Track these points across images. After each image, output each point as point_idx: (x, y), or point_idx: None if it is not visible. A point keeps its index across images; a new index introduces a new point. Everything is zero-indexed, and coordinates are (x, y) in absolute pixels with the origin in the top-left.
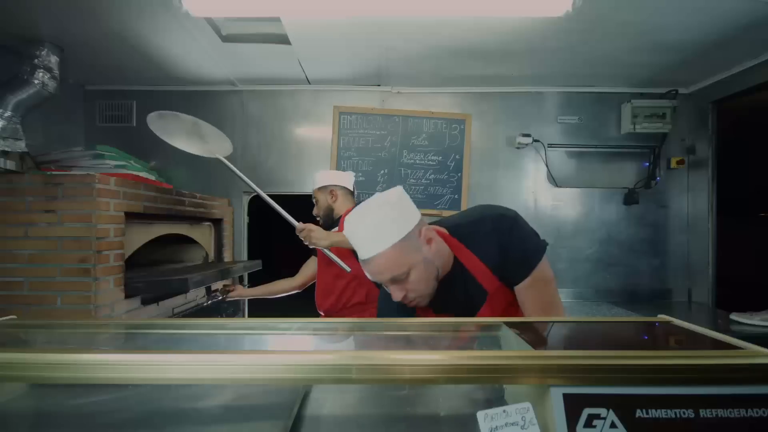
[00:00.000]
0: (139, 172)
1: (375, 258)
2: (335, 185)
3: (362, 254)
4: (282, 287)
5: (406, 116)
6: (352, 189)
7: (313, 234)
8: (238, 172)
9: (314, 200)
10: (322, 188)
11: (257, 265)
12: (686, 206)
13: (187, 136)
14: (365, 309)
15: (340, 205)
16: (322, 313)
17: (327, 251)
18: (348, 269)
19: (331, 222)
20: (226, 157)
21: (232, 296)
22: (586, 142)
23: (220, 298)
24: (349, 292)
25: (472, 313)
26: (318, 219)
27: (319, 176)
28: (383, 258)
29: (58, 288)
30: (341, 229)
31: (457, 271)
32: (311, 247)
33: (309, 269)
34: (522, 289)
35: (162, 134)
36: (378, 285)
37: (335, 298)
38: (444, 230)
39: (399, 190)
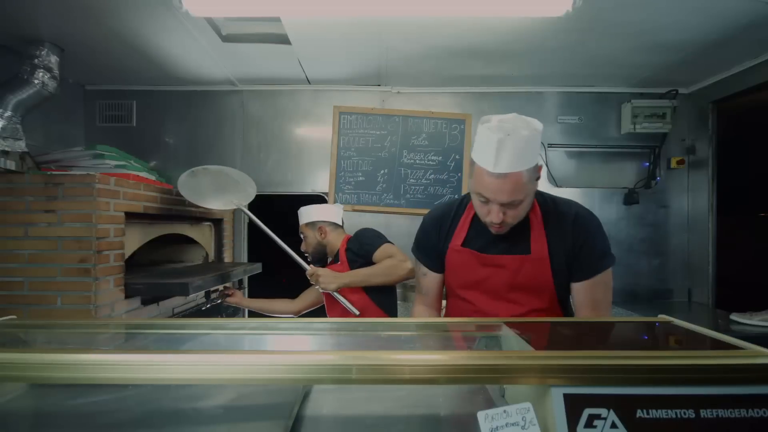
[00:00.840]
0: (139, 172)
1: (512, 175)
2: (323, 221)
3: (499, 167)
4: (279, 308)
5: (406, 116)
6: (341, 223)
7: (321, 279)
8: (255, 218)
9: (301, 235)
10: (309, 224)
11: (257, 268)
12: (686, 206)
13: (215, 191)
14: None
15: (332, 242)
16: None
17: (336, 294)
18: (356, 312)
19: (322, 257)
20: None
21: (230, 302)
22: (586, 142)
23: (219, 302)
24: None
25: (507, 260)
26: (306, 255)
27: (305, 212)
28: (517, 177)
29: (58, 288)
30: (342, 262)
31: (524, 222)
32: (320, 290)
33: (309, 296)
34: (588, 286)
35: (192, 197)
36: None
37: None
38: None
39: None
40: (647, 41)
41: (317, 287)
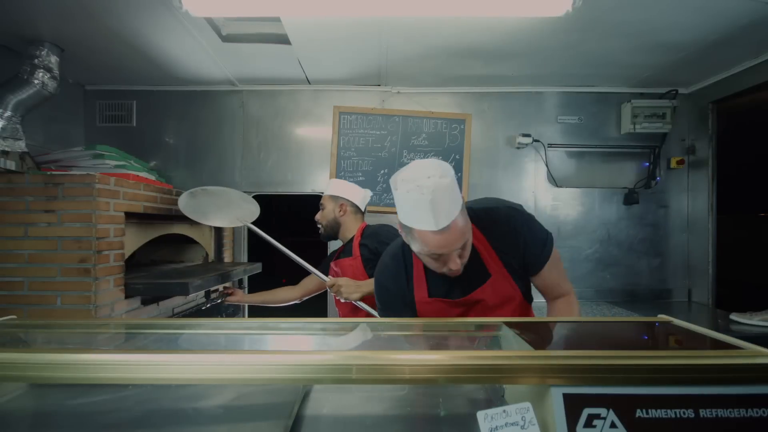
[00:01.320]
0: (139, 172)
1: (454, 223)
2: (347, 200)
3: (440, 222)
4: (282, 297)
5: (406, 116)
6: (363, 209)
7: (342, 289)
8: (265, 236)
9: (321, 205)
10: (333, 197)
11: (257, 268)
12: (686, 206)
13: (217, 210)
14: None
15: (348, 223)
16: None
17: (359, 302)
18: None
19: (333, 234)
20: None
21: (231, 300)
22: (586, 142)
23: (219, 301)
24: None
25: (468, 292)
26: (318, 226)
27: (334, 184)
28: (457, 223)
29: (58, 288)
30: (356, 257)
31: (473, 251)
32: (343, 301)
33: (310, 283)
34: (545, 272)
35: (194, 215)
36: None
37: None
38: None
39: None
40: (647, 41)
41: (341, 299)
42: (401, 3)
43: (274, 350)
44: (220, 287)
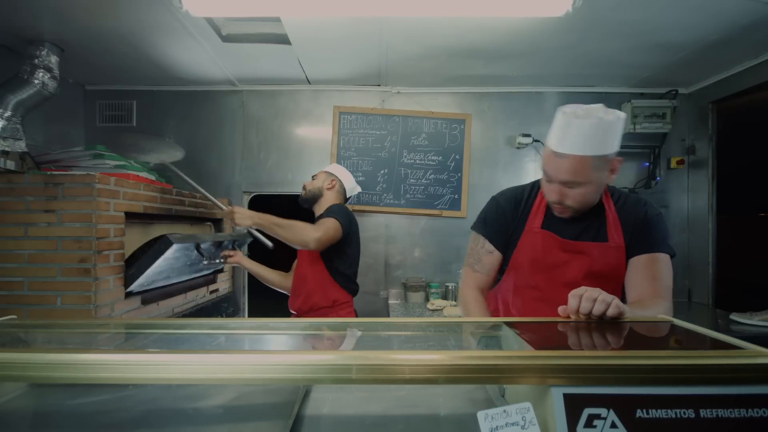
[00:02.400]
0: (139, 172)
1: (573, 157)
2: (339, 180)
3: (569, 147)
4: (274, 279)
5: (406, 116)
6: (347, 195)
7: (236, 215)
8: (181, 173)
9: (314, 176)
10: (328, 173)
11: (245, 235)
12: (686, 206)
13: (141, 150)
14: (330, 312)
15: (328, 198)
16: (294, 313)
17: (252, 230)
18: (270, 244)
19: (310, 202)
20: (174, 163)
21: (231, 261)
22: None
23: (218, 261)
24: (315, 297)
25: (579, 238)
26: (303, 190)
27: (335, 166)
28: (582, 162)
29: (58, 288)
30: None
31: (596, 212)
32: (237, 227)
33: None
34: (640, 261)
35: (121, 151)
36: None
37: (302, 300)
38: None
39: (622, 116)
40: (647, 41)
41: (235, 225)
42: (401, 3)
43: (274, 350)
44: (224, 252)
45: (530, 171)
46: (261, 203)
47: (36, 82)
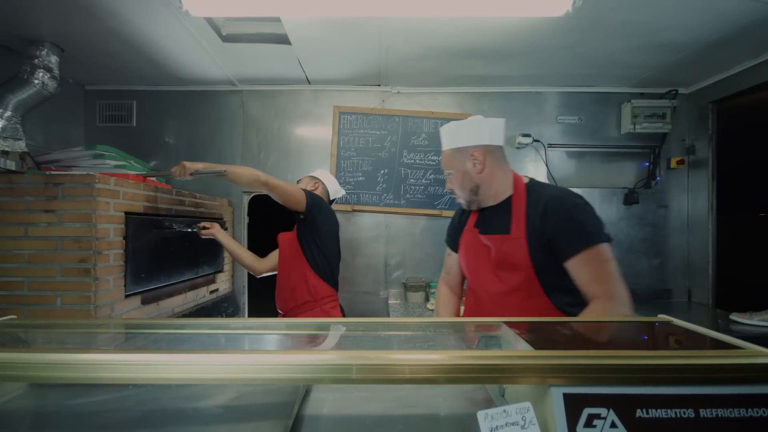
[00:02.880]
0: (139, 172)
1: (443, 152)
2: (323, 184)
3: (442, 145)
4: (246, 259)
5: (406, 116)
6: (330, 197)
7: (186, 165)
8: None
9: (298, 181)
10: (313, 177)
11: (225, 203)
12: (686, 206)
13: None
14: (314, 306)
15: None
16: (281, 313)
17: (202, 171)
18: (223, 170)
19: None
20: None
21: (206, 234)
22: (586, 142)
23: (195, 230)
24: (299, 291)
25: (487, 232)
26: None
27: (319, 171)
28: (444, 154)
29: (58, 288)
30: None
31: (506, 207)
32: (189, 177)
33: (274, 258)
34: (574, 265)
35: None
36: None
37: (287, 296)
38: (526, 178)
39: (479, 119)
40: (647, 41)
41: (187, 176)
42: (401, 3)
43: (274, 350)
44: (201, 224)
45: (530, 171)
46: (261, 203)
47: (36, 82)
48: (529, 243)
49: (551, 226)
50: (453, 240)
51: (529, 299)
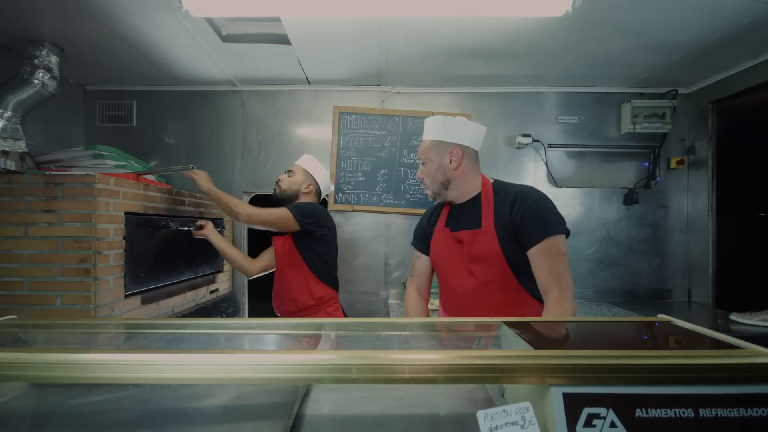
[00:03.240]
0: (134, 171)
1: (424, 142)
2: (316, 182)
3: (424, 136)
4: (239, 262)
5: (406, 116)
6: (321, 195)
7: (198, 178)
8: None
9: (290, 172)
10: (307, 173)
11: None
12: (686, 206)
13: None
14: (318, 310)
15: (305, 199)
16: (279, 316)
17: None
18: (191, 166)
19: (284, 200)
20: None
21: (199, 234)
22: (586, 142)
23: (190, 229)
24: (301, 296)
25: (459, 229)
26: (278, 184)
27: (312, 162)
28: (425, 143)
29: (58, 288)
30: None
31: (474, 204)
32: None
33: (267, 256)
34: (534, 253)
35: None
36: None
37: (288, 302)
38: (491, 179)
39: (465, 120)
40: (647, 41)
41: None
42: (401, 3)
43: (274, 350)
44: (198, 222)
45: (530, 171)
46: (261, 203)
47: (36, 82)
48: (498, 235)
49: (518, 217)
50: (422, 242)
51: (504, 291)
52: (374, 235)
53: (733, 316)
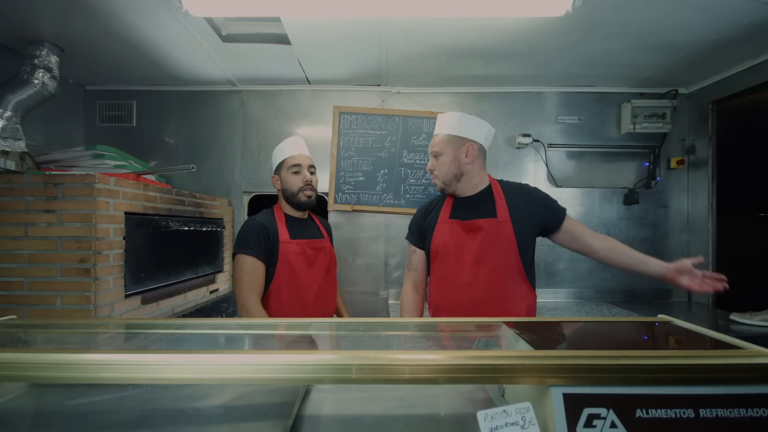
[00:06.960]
0: (135, 171)
1: (439, 134)
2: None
3: (438, 130)
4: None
5: (406, 116)
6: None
7: None
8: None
9: (312, 169)
10: (276, 176)
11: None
12: (686, 206)
13: None
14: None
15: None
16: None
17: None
18: (191, 167)
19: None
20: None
21: None
22: (586, 142)
23: None
24: (334, 306)
25: (473, 218)
26: (312, 191)
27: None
28: (440, 137)
29: (58, 288)
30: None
31: (485, 196)
32: None
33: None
34: (567, 225)
35: None
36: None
37: (325, 310)
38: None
39: (481, 120)
40: (647, 41)
41: None
42: (401, 3)
43: (274, 350)
44: None
45: (530, 171)
46: (261, 203)
47: (36, 82)
48: (514, 223)
49: (534, 208)
50: (417, 237)
51: (510, 278)
52: (374, 235)
53: (733, 316)
